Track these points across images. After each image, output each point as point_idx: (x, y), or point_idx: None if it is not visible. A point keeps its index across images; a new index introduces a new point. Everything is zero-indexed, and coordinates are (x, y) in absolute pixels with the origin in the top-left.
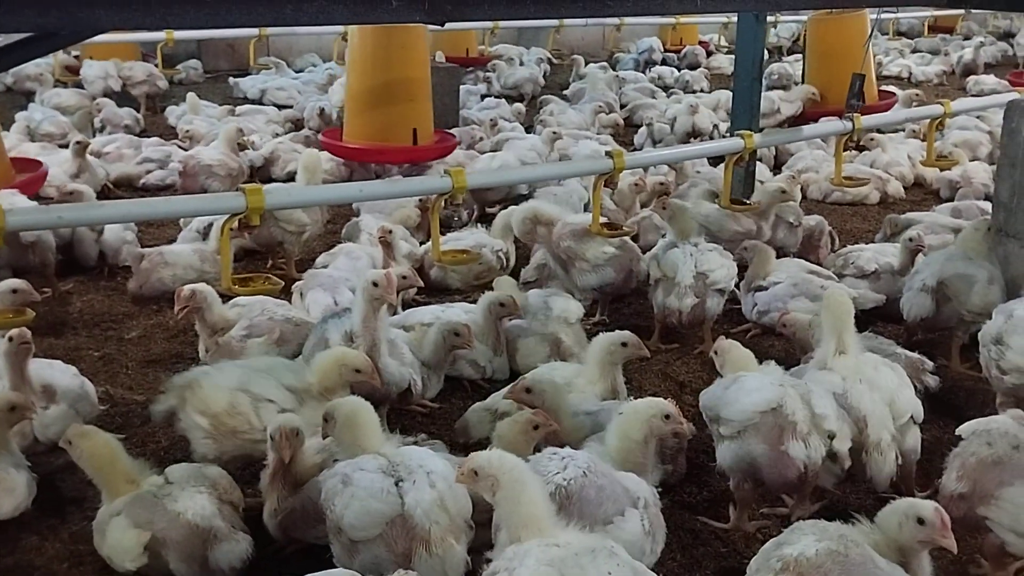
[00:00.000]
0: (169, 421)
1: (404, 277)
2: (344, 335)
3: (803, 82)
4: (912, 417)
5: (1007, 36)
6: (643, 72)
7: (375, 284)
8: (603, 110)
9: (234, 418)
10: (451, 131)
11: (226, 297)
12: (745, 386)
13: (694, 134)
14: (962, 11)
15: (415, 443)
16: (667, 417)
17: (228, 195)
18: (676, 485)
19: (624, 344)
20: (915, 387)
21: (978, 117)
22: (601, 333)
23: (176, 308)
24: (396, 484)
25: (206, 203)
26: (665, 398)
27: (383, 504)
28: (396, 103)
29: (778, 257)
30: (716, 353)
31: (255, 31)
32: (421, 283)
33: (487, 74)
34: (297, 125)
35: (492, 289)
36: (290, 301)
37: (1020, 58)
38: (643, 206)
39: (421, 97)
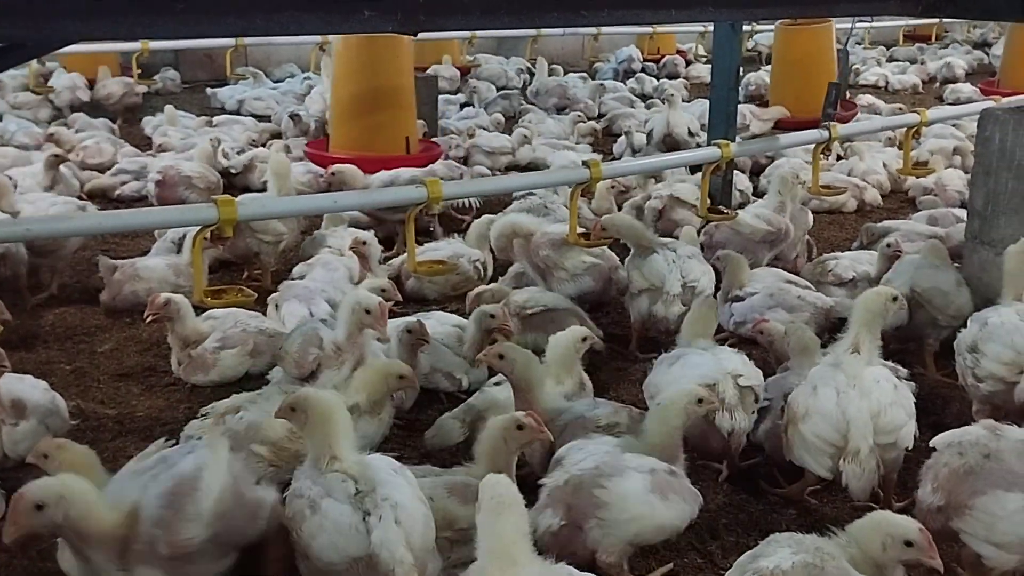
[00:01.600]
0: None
1: (383, 291)
2: (334, 341)
3: (770, 91)
4: (897, 442)
5: (983, 45)
6: (622, 81)
7: (368, 312)
8: (581, 119)
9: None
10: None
11: (200, 309)
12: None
13: (672, 138)
14: (937, 20)
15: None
16: (700, 401)
17: (199, 207)
18: None
19: (584, 339)
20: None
21: (954, 125)
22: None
23: (146, 312)
24: (364, 518)
25: (177, 215)
26: (644, 408)
27: (349, 542)
28: (384, 111)
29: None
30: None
31: (232, 41)
32: (400, 298)
33: (474, 83)
34: (275, 136)
35: (477, 302)
36: (265, 313)
37: (997, 67)
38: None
39: (407, 105)
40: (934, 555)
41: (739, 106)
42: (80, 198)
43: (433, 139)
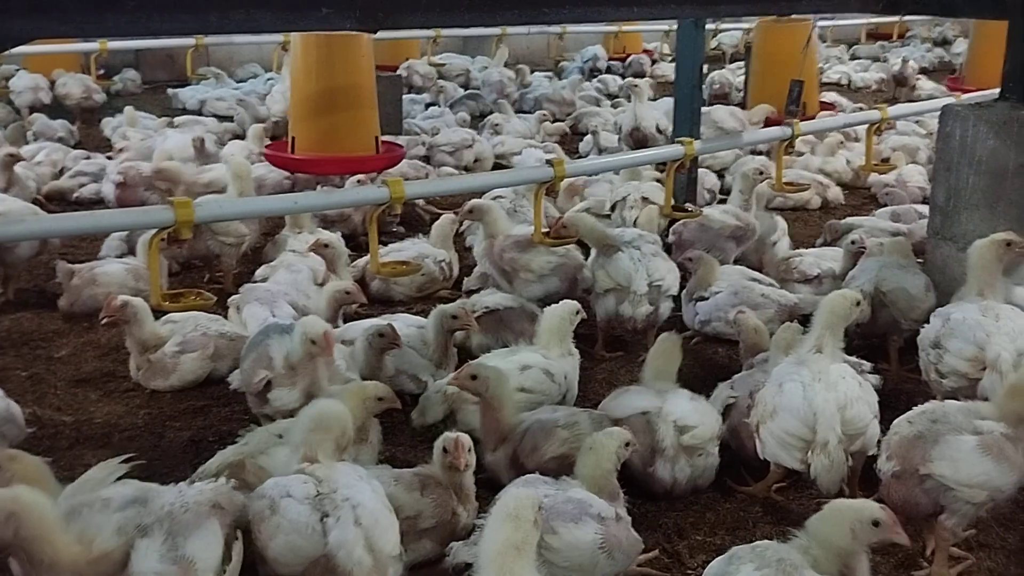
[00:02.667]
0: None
1: (348, 292)
2: (286, 356)
3: (745, 89)
4: (863, 437)
5: (943, 43)
6: (588, 80)
7: (313, 342)
8: (547, 118)
9: None
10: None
11: (160, 313)
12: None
13: (640, 131)
14: (898, 18)
15: None
16: (627, 444)
17: (156, 208)
18: None
19: (577, 312)
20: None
21: (916, 122)
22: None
23: (102, 314)
24: (322, 519)
25: (133, 217)
26: None
27: (306, 542)
28: (348, 111)
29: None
30: None
31: (192, 41)
32: (365, 300)
33: (441, 83)
34: (236, 136)
35: (440, 300)
36: (226, 316)
37: (958, 64)
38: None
39: (371, 105)
40: (899, 531)
41: (722, 109)
42: (37, 200)
43: (396, 139)
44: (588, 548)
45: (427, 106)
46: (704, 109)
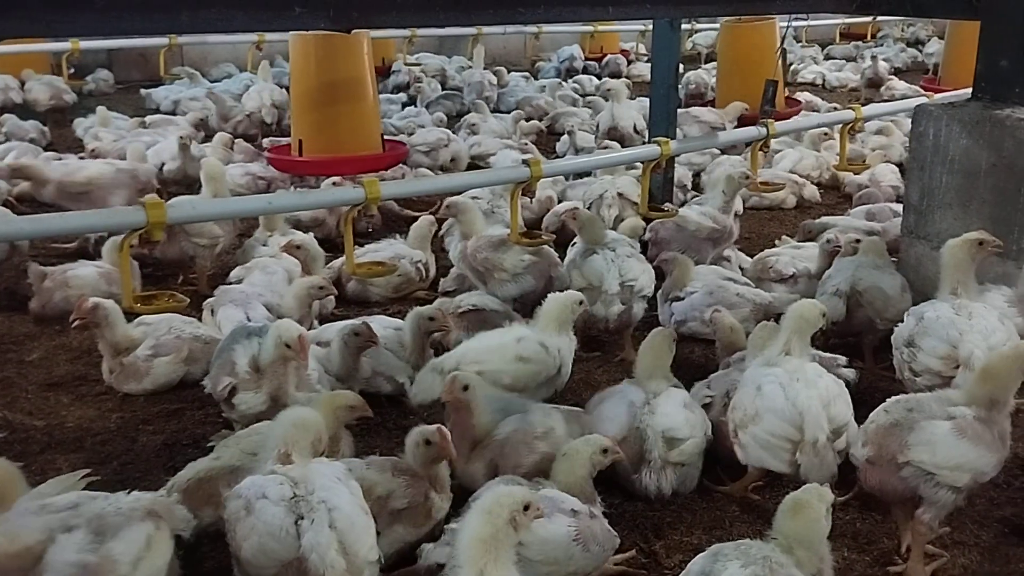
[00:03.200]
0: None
1: (321, 287)
2: (251, 359)
3: (717, 89)
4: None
5: (916, 43)
6: (565, 80)
7: (288, 346)
8: (522, 117)
9: None
10: None
11: (133, 316)
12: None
13: (617, 131)
14: (871, 19)
15: None
16: (605, 451)
17: (127, 210)
18: None
19: (581, 302)
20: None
21: (891, 121)
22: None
23: (72, 316)
24: (297, 521)
25: (104, 218)
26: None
27: (279, 545)
28: (350, 109)
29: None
30: None
31: (165, 40)
32: (336, 292)
33: (418, 84)
34: (209, 136)
35: (417, 301)
36: (200, 318)
37: (931, 65)
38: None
39: (373, 102)
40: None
41: (700, 111)
42: (8, 202)
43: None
44: (562, 541)
45: (403, 106)
46: (681, 110)
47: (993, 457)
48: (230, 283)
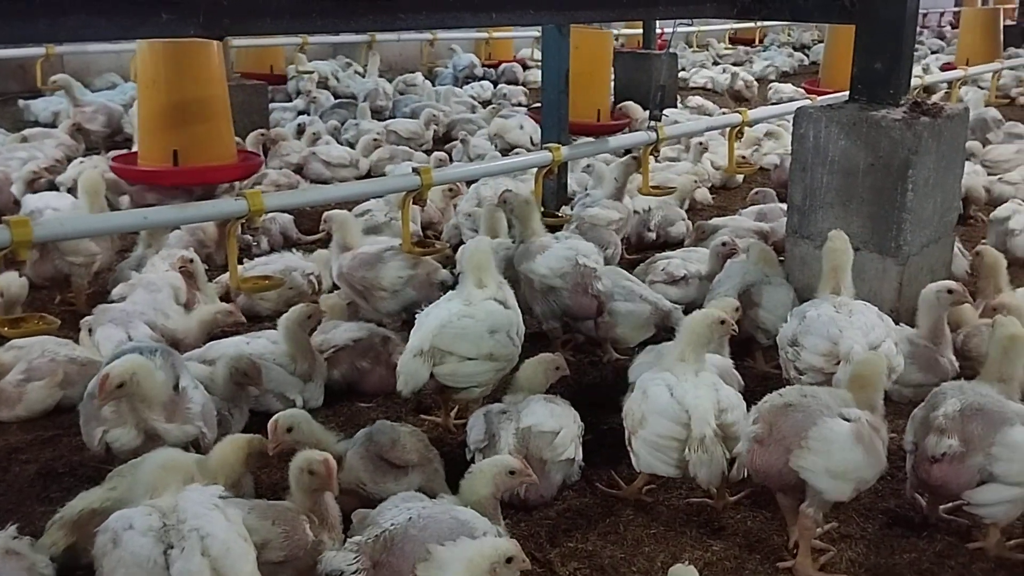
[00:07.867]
0: None
1: (229, 312)
2: None
3: None
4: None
5: (802, 47)
6: (461, 87)
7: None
8: (434, 119)
9: None
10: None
11: (2, 340)
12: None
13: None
14: (755, 24)
15: None
16: (512, 472)
17: None
18: None
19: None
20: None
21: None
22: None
23: None
24: (166, 551)
25: None
26: None
27: None
28: (200, 123)
29: None
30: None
31: (41, 50)
32: (243, 319)
33: (314, 93)
34: (90, 148)
35: None
36: (77, 339)
37: (818, 67)
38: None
39: (225, 115)
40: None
41: None
42: None
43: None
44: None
45: (297, 114)
46: None
47: (878, 467)
48: (112, 301)
